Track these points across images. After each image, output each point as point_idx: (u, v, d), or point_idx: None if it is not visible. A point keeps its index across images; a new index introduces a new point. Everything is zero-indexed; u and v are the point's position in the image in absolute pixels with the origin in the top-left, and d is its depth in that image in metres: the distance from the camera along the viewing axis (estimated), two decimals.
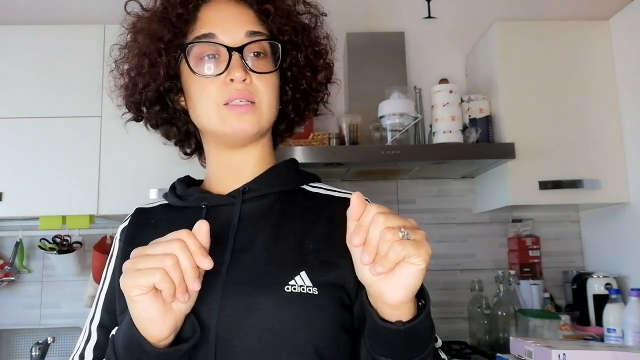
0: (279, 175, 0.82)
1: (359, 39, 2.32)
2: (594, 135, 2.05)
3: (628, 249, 2.05)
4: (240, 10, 0.78)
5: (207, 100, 0.75)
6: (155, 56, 0.78)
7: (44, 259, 2.29)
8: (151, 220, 0.82)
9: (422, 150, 2.01)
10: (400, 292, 0.58)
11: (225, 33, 0.75)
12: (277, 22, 0.79)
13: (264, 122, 0.76)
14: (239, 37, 0.75)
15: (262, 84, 0.75)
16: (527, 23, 2.16)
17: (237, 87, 0.73)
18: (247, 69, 0.74)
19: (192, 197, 0.80)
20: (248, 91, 0.74)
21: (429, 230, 2.32)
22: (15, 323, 2.26)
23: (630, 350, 1.43)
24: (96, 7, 2.39)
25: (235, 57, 0.74)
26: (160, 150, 0.80)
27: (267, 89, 0.76)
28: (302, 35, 0.81)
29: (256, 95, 0.75)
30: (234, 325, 0.68)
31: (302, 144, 1.96)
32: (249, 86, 0.74)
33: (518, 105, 2.05)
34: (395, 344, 0.62)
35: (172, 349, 0.63)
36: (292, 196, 0.80)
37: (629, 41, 2.03)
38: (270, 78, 0.77)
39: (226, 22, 0.76)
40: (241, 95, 0.73)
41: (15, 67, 2.09)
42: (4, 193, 1.99)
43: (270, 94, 0.76)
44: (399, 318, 0.60)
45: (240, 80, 0.73)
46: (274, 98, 0.78)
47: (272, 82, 0.77)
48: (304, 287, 0.69)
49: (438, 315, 2.28)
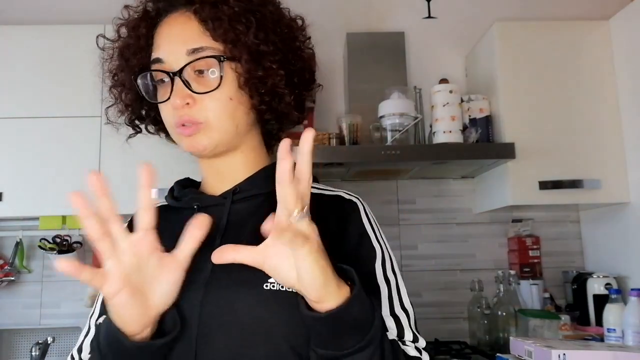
0: (270, 176, 0.81)
1: (359, 39, 2.32)
2: (594, 135, 2.05)
3: (628, 249, 2.05)
4: (183, 26, 0.77)
5: (166, 121, 0.80)
6: (122, 89, 0.84)
7: (44, 259, 2.29)
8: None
9: (422, 150, 2.01)
10: (306, 285, 0.59)
11: (168, 56, 0.76)
12: (219, 31, 0.75)
13: (216, 136, 0.77)
14: (182, 57, 0.75)
15: (209, 101, 0.75)
16: (527, 23, 2.16)
17: (179, 113, 0.75)
18: (189, 93, 0.74)
19: (186, 198, 0.83)
20: (190, 115, 0.75)
21: (429, 231, 2.35)
22: (15, 323, 2.26)
23: (630, 350, 1.43)
24: (96, 7, 2.39)
25: (175, 82, 0.74)
26: (160, 150, 0.81)
27: (215, 104, 0.75)
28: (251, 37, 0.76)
29: (202, 114, 0.75)
30: (214, 322, 0.69)
31: None
32: (192, 108, 0.75)
33: (518, 105, 2.05)
34: (322, 333, 0.61)
35: (147, 343, 0.65)
36: None
37: (629, 41, 2.03)
38: (217, 93, 0.75)
39: (169, 43, 0.77)
40: (184, 120, 0.75)
41: (15, 67, 2.08)
42: (4, 193, 1.99)
43: (219, 110, 0.76)
44: (327, 307, 0.60)
45: (180, 107, 0.74)
46: (224, 112, 0.76)
47: (220, 98, 0.76)
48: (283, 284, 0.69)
49: (438, 315, 2.28)
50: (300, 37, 0.84)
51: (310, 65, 0.86)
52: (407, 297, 0.76)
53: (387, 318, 0.71)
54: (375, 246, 0.77)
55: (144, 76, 0.79)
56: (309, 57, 0.86)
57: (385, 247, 0.79)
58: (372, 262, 0.76)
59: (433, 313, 2.28)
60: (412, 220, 2.36)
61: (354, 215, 0.79)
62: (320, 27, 0.91)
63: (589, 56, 2.10)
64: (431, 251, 2.35)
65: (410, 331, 0.72)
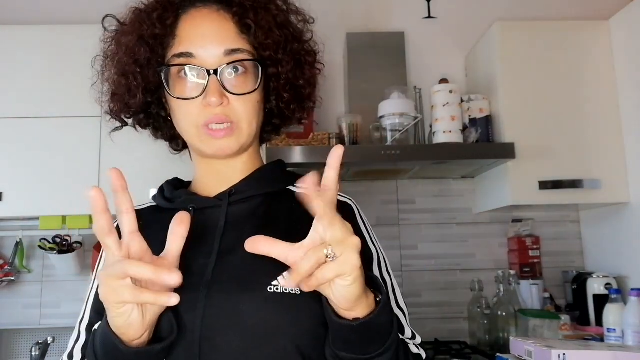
0: (265, 178, 0.83)
1: (359, 39, 2.32)
2: (594, 135, 2.05)
3: (628, 249, 2.05)
4: (219, 25, 0.75)
5: (186, 119, 0.76)
6: (133, 77, 0.79)
7: (44, 259, 2.29)
8: (140, 222, 0.82)
9: (422, 150, 2.01)
10: (340, 301, 0.59)
11: (202, 51, 0.74)
12: (259, 36, 0.76)
13: (244, 140, 0.77)
14: (217, 56, 0.74)
15: (241, 104, 0.75)
16: (527, 23, 2.16)
17: (214, 112, 0.73)
18: (224, 92, 0.73)
19: (180, 199, 0.81)
20: (225, 114, 0.74)
21: (429, 231, 2.35)
22: (15, 323, 2.26)
23: (630, 350, 1.43)
24: (96, 7, 2.38)
25: (212, 81, 0.73)
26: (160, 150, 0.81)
27: (246, 107, 0.75)
28: (286, 48, 0.78)
29: (234, 115, 0.75)
30: (218, 325, 0.69)
31: (302, 144, 1.96)
32: (226, 108, 0.74)
33: (518, 105, 2.05)
34: (351, 339, 0.62)
35: (146, 348, 0.63)
36: (278, 197, 0.81)
37: (629, 41, 2.03)
38: (250, 96, 0.76)
39: (204, 39, 0.75)
40: (218, 119, 0.74)
41: (15, 67, 2.08)
42: (4, 193, 1.99)
43: (249, 112, 0.76)
44: (355, 315, 0.60)
45: (216, 105, 0.73)
46: (254, 115, 0.77)
47: (252, 100, 0.76)
48: (286, 287, 0.70)
49: (438, 315, 2.28)
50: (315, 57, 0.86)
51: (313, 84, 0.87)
52: (401, 296, 0.78)
53: None
54: (371, 248, 0.78)
55: (168, 68, 0.76)
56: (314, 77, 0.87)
57: (379, 248, 0.80)
58: (370, 264, 0.76)
59: (433, 313, 2.28)
60: (412, 220, 2.36)
61: (349, 217, 0.78)
62: (320, 27, 0.90)
63: (589, 56, 2.10)
64: (431, 251, 2.35)
65: (408, 328, 0.74)
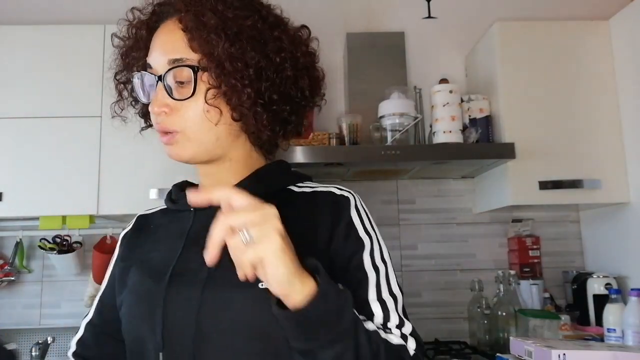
0: (263, 178, 0.84)
1: (359, 39, 2.32)
2: (594, 135, 2.05)
3: (628, 249, 2.05)
4: (168, 37, 0.78)
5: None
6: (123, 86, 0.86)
7: (44, 259, 2.29)
8: (151, 226, 0.88)
9: (422, 150, 2.01)
10: (271, 285, 0.60)
11: (154, 61, 0.78)
12: (200, 41, 0.75)
13: (194, 146, 0.78)
14: (162, 65, 0.77)
15: (184, 110, 0.76)
16: (527, 23, 2.16)
17: (157, 120, 0.78)
18: (167, 99, 0.76)
19: (182, 200, 0.84)
20: (164, 123, 0.77)
21: (429, 231, 2.35)
22: (15, 323, 2.26)
23: (630, 350, 1.43)
24: (96, 7, 2.40)
25: (157, 89, 0.77)
26: (161, 150, 0.81)
27: (191, 114, 0.76)
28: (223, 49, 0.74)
29: (178, 124, 0.77)
30: (212, 320, 0.71)
31: (302, 144, 1.96)
32: (169, 117, 0.77)
33: (518, 105, 2.05)
34: (292, 329, 0.62)
35: None
36: (277, 197, 0.81)
37: (629, 41, 2.03)
38: (192, 103, 0.76)
39: (155, 50, 0.79)
40: (160, 127, 0.78)
41: (15, 67, 2.08)
42: (4, 193, 1.99)
43: (194, 119, 0.76)
44: (293, 302, 0.61)
45: (157, 113, 0.77)
46: (200, 121, 0.77)
47: (196, 107, 0.76)
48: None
49: (438, 315, 2.28)
50: (295, 51, 0.81)
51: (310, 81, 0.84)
52: (396, 284, 0.77)
53: (373, 303, 0.73)
54: (363, 237, 0.78)
55: (139, 76, 0.81)
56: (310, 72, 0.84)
57: (376, 237, 0.80)
58: (360, 252, 0.77)
59: (433, 313, 2.28)
60: (412, 220, 2.36)
61: (344, 209, 0.80)
62: (320, 27, 0.90)
63: (589, 56, 2.10)
64: (431, 251, 2.35)
65: (396, 315, 0.73)
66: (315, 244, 0.76)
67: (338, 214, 0.79)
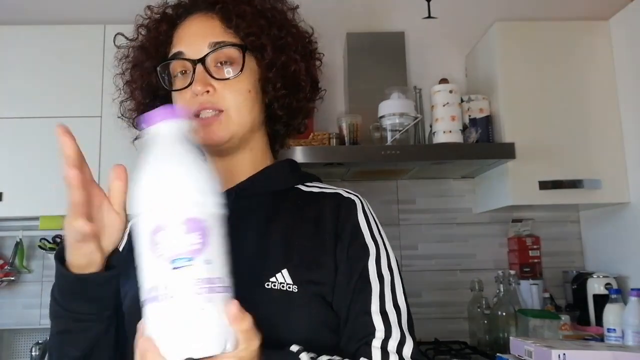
0: (271, 176, 0.84)
1: (359, 39, 2.32)
2: (594, 135, 2.05)
3: (628, 249, 2.05)
4: (204, 24, 0.80)
5: None
6: (139, 83, 0.85)
7: (44, 259, 2.29)
8: None
9: (422, 150, 2.01)
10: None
11: (189, 48, 0.78)
12: (242, 26, 0.79)
13: (234, 127, 0.78)
14: (202, 50, 0.78)
15: (228, 91, 0.77)
16: (527, 23, 2.16)
17: (199, 100, 0.77)
18: (211, 81, 0.77)
19: None
20: (211, 102, 0.77)
21: (429, 231, 2.35)
22: (15, 323, 2.26)
23: (630, 350, 1.43)
24: (96, 7, 2.39)
25: (197, 70, 0.77)
26: None
27: (234, 94, 0.78)
28: (270, 33, 0.81)
29: (222, 103, 0.77)
30: None
31: (302, 144, 1.96)
32: (213, 96, 0.77)
33: (518, 105, 2.05)
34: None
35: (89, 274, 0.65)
36: (284, 196, 0.82)
37: (629, 41, 2.03)
38: (238, 83, 0.78)
39: (191, 37, 0.80)
40: (205, 106, 0.77)
41: (15, 67, 2.08)
42: (4, 193, 1.99)
43: (238, 99, 0.78)
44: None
45: (201, 93, 0.76)
46: (243, 102, 0.79)
47: (240, 87, 0.78)
48: (284, 284, 0.70)
49: (438, 315, 2.28)
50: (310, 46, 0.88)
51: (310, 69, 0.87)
52: (402, 295, 0.75)
53: (375, 315, 0.71)
54: (369, 243, 0.77)
55: (163, 67, 0.81)
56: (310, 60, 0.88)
57: (383, 244, 0.79)
58: (365, 259, 0.75)
59: (433, 313, 2.28)
60: (412, 220, 2.36)
61: (351, 213, 0.79)
62: (320, 27, 0.91)
63: (589, 56, 2.10)
64: (431, 251, 2.35)
65: (398, 330, 0.71)
66: (320, 246, 0.75)
67: (344, 217, 0.78)
